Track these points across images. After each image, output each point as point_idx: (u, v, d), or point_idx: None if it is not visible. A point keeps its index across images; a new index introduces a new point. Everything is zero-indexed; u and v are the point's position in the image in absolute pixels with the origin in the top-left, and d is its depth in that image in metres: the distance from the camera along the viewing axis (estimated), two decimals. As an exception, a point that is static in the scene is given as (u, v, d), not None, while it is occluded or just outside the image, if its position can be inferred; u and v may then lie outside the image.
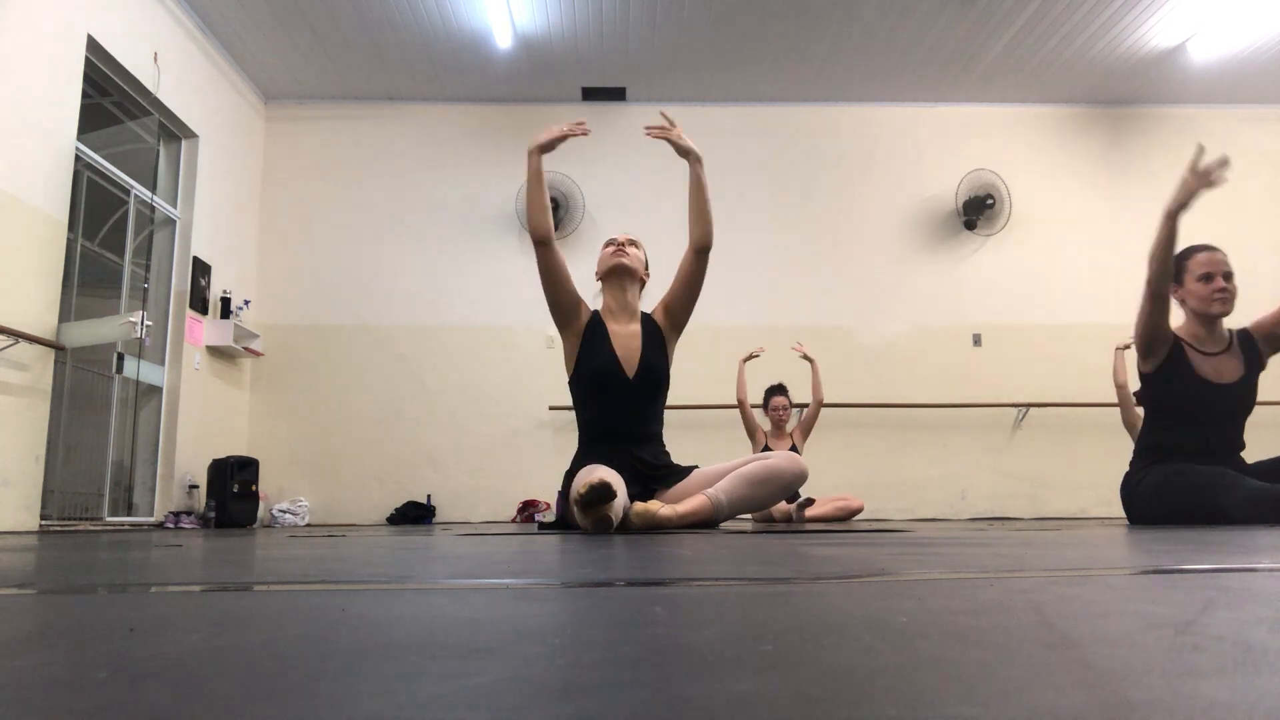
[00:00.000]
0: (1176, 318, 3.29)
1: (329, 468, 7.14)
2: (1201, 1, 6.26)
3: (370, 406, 7.23)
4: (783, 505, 5.31)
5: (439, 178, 7.56)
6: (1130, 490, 3.41)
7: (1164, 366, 3.21)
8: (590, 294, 3.38)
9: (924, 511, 7.15)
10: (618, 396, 3.05)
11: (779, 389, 6.00)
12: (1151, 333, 3.16)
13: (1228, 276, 3.21)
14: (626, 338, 3.13)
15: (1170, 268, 3.05)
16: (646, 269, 3.33)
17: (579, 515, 2.62)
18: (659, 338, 3.18)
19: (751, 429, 5.88)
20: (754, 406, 6.03)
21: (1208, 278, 3.18)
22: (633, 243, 3.29)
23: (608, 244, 3.29)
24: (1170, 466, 3.25)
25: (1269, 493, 2.92)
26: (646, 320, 3.23)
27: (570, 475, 3.04)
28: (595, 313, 3.21)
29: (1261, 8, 6.35)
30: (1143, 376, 3.35)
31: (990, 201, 7.42)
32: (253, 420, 7.22)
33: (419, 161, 7.60)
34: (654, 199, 7.58)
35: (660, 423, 3.21)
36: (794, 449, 5.82)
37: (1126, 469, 3.52)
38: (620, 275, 3.20)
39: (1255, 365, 3.25)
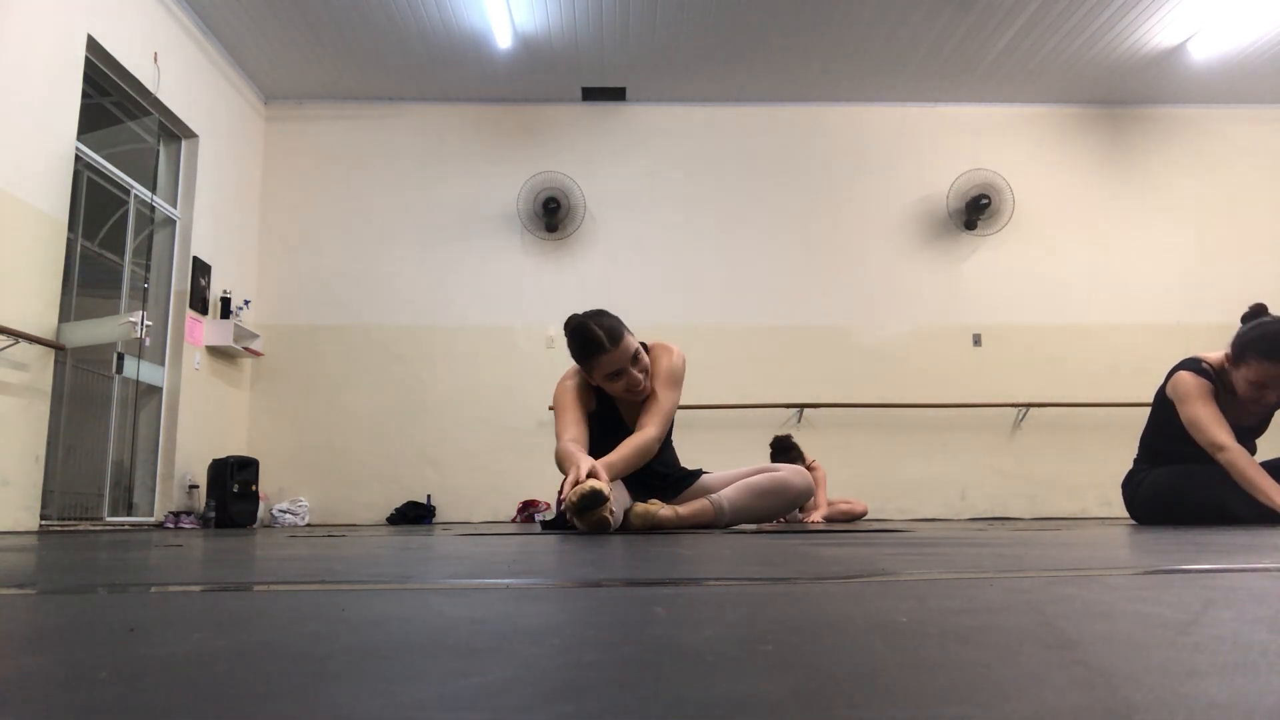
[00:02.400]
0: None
1: (329, 468, 7.14)
2: (1201, 1, 6.26)
3: (370, 406, 7.23)
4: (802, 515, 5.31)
5: (439, 178, 7.56)
6: (1133, 489, 3.40)
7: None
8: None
9: (924, 511, 7.15)
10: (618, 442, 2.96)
11: (786, 447, 5.76)
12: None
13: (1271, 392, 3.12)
14: (632, 405, 3.00)
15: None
16: (645, 365, 2.92)
17: (576, 520, 2.63)
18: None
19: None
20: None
21: (1261, 386, 3.08)
22: (633, 358, 2.82)
23: (610, 378, 2.81)
24: (1174, 466, 3.26)
25: None
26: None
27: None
28: (598, 389, 2.99)
29: (1261, 8, 6.35)
30: (1168, 401, 3.29)
31: (990, 201, 7.42)
32: (253, 420, 7.22)
33: (419, 161, 7.60)
34: (653, 199, 7.59)
35: (672, 450, 3.18)
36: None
37: (1129, 468, 3.52)
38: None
39: (1272, 412, 3.25)
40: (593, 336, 2.77)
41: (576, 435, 2.79)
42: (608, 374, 2.81)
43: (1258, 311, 3.24)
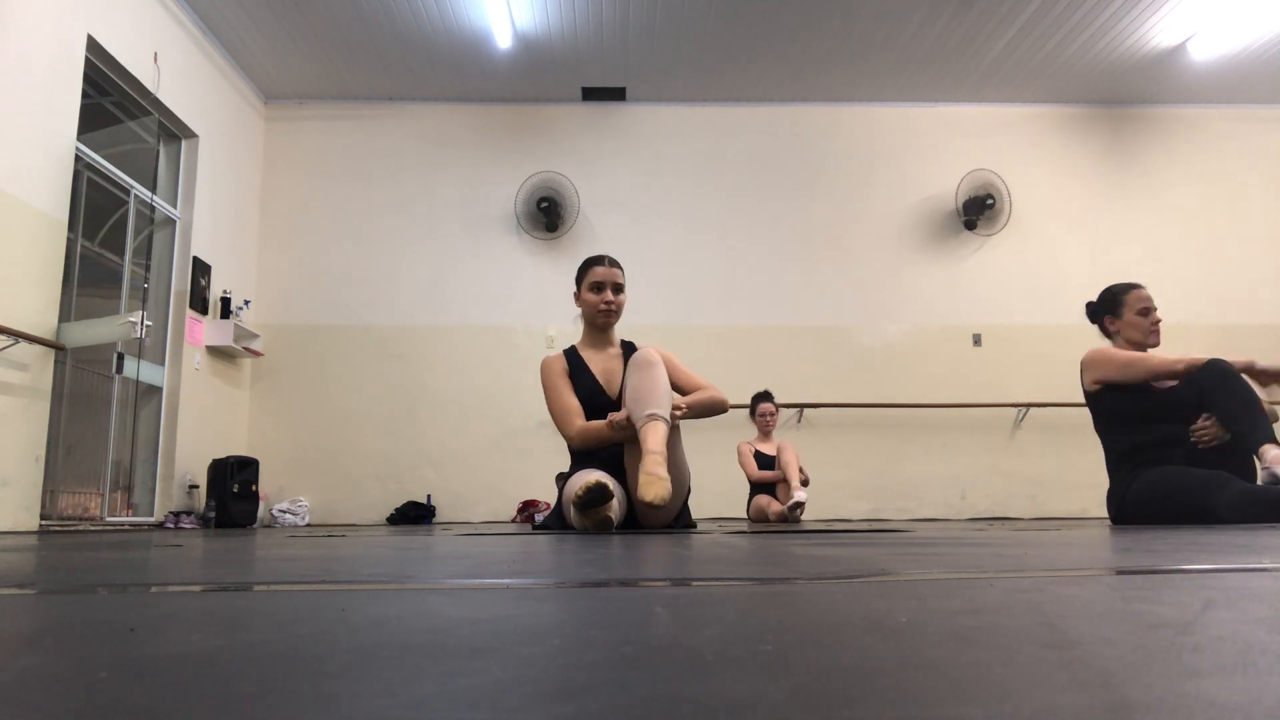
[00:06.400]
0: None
1: (329, 468, 7.14)
2: (1201, 1, 6.26)
3: (370, 406, 7.23)
4: (776, 505, 5.32)
5: (439, 178, 7.56)
6: (1120, 498, 3.39)
7: (1113, 384, 3.43)
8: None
9: (924, 511, 7.15)
10: (603, 416, 3.04)
11: (765, 395, 5.96)
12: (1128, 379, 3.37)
13: (1153, 309, 3.50)
14: (605, 361, 3.22)
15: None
16: (624, 295, 3.32)
17: (578, 517, 2.62)
18: None
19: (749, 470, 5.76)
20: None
21: (1145, 312, 3.45)
22: (619, 286, 3.23)
23: (594, 286, 3.20)
24: (1159, 469, 3.25)
25: (1261, 493, 2.93)
26: (628, 347, 3.28)
27: (563, 480, 3.04)
28: (569, 351, 3.27)
29: (1261, 8, 6.35)
30: (1092, 395, 3.49)
31: (990, 201, 7.42)
32: (252, 420, 7.22)
33: (419, 161, 7.60)
34: (653, 199, 7.59)
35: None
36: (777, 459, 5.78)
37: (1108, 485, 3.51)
38: (608, 327, 3.25)
39: (1192, 384, 3.36)
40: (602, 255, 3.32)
41: (580, 411, 3.08)
42: (598, 281, 3.19)
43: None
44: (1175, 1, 6.28)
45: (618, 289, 3.22)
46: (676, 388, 3.06)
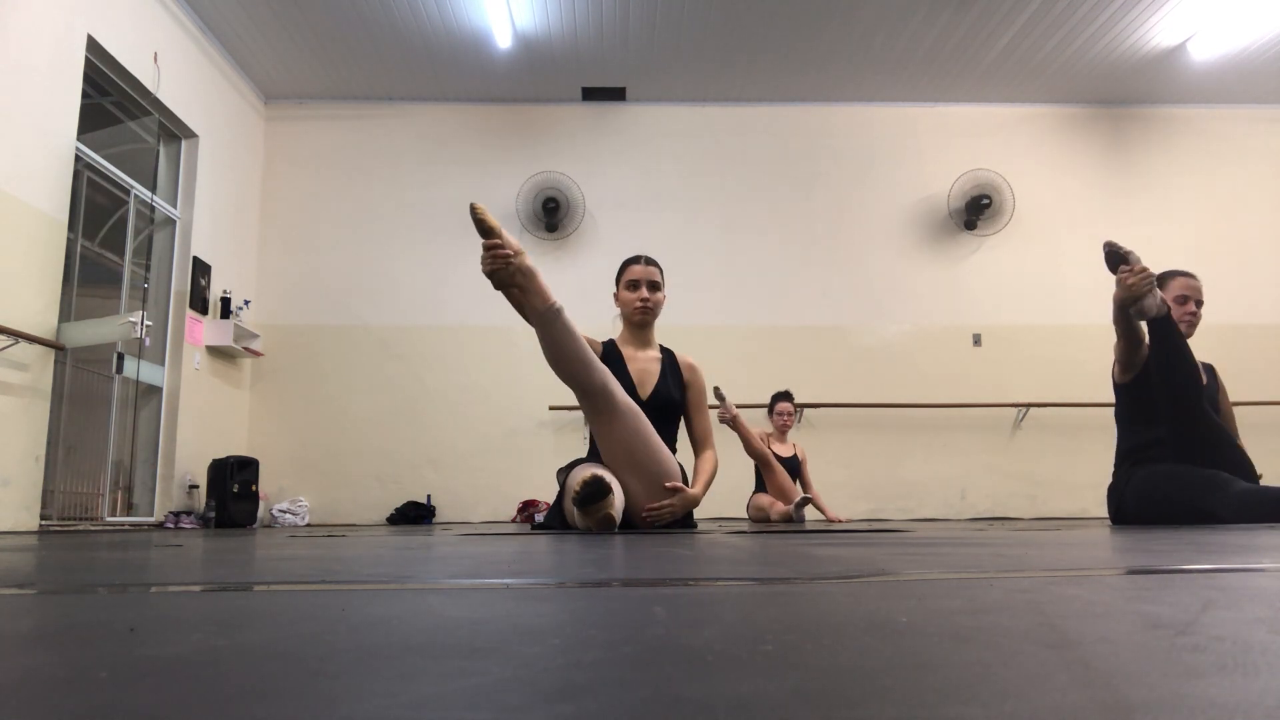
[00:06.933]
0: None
1: (329, 468, 7.14)
2: (1201, 1, 6.26)
3: (370, 406, 7.23)
4: (780, 505, 5.31)
5: (439, 178, 7.56)
6: (1120, 494, 3.39)
7: (1139, 376, 3.39)
8: (593, 307, 3.34)
9: (924, 511, 7.14)
10: None
11: (785, 395, 5.96)
12: (1130, 358, 3.39)
13: (1199, 304, 3.45)
14: (643, 362, 3.20)
15: (1127, 330, 3.30)
16: (663, 293, 3.30)
17: (580, 517, 2.60)
18: (677, 377, 3.23)
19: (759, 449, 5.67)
20: (753, 406, 6.01)
21: (1183, 300, 3.42)
22: (655, 284, 3.22)
23: (630, 284, 3.21)
24: (1159, 467, 3.25)
25: (1261, 493, 2.93)
26: (667, 354, 3.27)
27: (564, 474, 2.99)
28: (609, 343, 3.23)
29: (1261, 8, 6.35)
30: (1120, 388, 3.48)
31: (990, 201, 7.42)
32: (252, 420, 7.22)
33: (419, 161, 7.60)
34: (654, 198, 7.59)
35: (672, 444, 3.15)
36: (795, 458, 5.81)
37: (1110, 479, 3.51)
38: (645, 325, 3.24)
39: (1214, 384, 3.43)
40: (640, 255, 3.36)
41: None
42: (634, 279, 3.22)
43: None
44: (1175, 1, 6.28)
45: (654, 287, 3.22)
46: (687, 415, 3.23)
